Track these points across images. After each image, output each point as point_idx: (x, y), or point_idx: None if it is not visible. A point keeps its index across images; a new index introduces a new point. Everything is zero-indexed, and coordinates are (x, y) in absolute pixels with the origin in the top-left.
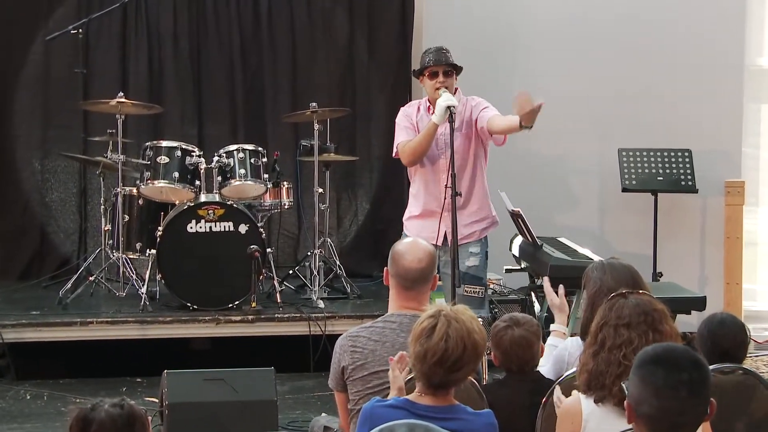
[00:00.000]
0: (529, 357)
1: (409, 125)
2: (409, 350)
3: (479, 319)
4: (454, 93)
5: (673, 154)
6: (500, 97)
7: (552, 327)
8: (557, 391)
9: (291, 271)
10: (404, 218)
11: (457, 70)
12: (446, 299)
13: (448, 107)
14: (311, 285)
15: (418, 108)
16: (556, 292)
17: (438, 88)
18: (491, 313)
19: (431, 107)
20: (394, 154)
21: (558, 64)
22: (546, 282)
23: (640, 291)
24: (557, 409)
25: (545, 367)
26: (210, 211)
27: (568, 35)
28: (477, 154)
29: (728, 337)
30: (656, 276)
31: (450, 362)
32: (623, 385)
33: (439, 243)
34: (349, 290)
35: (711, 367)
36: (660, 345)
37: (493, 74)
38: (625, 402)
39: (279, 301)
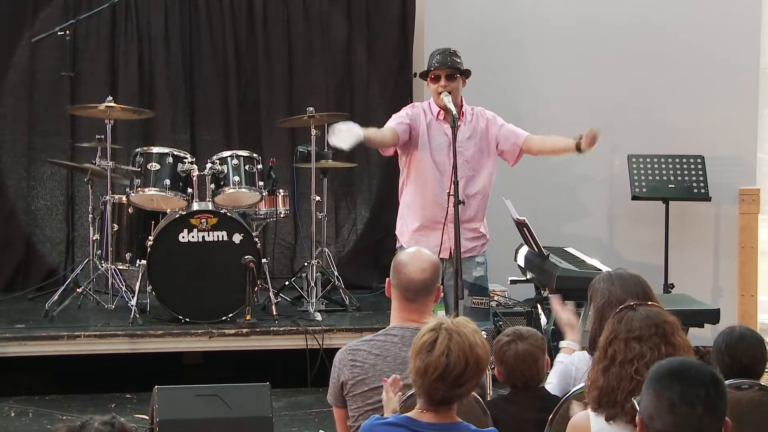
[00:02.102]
0: (534, 372)
1: (401, 121)
2: (409, 365)
3: (484, 332)
4: (461, 103)
5: (685, 160)
6: (505, 104)
7: (562, 344)
8: (574, 405)
9: (287, 283)
10: (402, 231)
11: (463, 74)
12: (447, 311)
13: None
14: (308, 297)
15: (424, 111)
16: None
17: (440, 93)
18: (495, 325)
19: (441, 113)
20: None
21: (564, 68)
22: (554, 299)
23: (649, 302)
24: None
25: (552, 383)
26: (203, 220)
27: (575, 38)
28: (490, 170)
29: (748, 352)
30: (668, 287)
31: (452, 377)
32: (634, 401)
33: (447, 256)
34: (347, 302)
35: (728, 382)
36: (675, 358)
37: (496, 80)
38: (636, 418)
39: (275, 313)
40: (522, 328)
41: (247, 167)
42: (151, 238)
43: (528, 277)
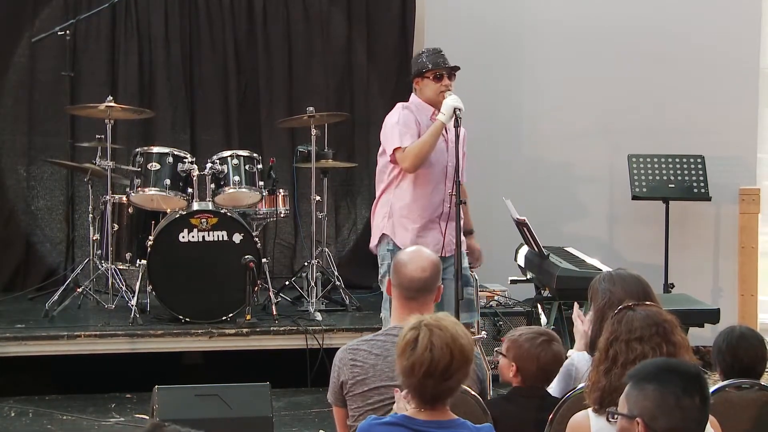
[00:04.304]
0: (555, 374)
1: (407, 131)
2: (396, 367)
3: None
4: None
5: (685, 160)
6: (505, 104)
7: (570, 352)
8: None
9: (287, 283)
10: (395, 231)
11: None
12: (443, 308)
13: (456, 108)
14: (308, 297)
15: (412, 111)
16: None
17: (443, 92)
18: (496, 326)
19: (435, 113)
20: (390, 159)
21: (564, 68)
22: (576, 308)
23: (647, 302)
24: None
25: (552, 386)
26: (203, 220)
27: (575, 38)
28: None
29: (749, 352)
30: (668, 287)
31: (439, 371)
32: (610, 410)
33: (447, 254)
34: (347, 302)
35: (729, 382)
36: (656, 359)
37: (496, 80)
38: (627, 423)
39: (275, 313)
40: (547, 330)
41: (247, 167)
42: (151, 238)
43: (528, 276)
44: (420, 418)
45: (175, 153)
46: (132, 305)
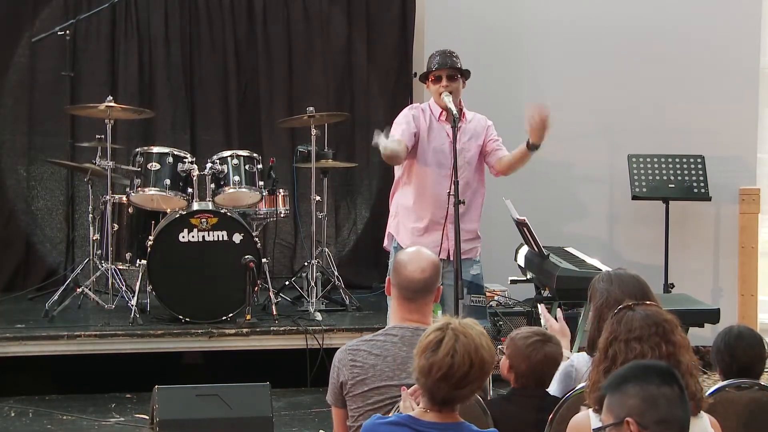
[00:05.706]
0: (552, 375)
1: (405, 128)
2: (413, 363)
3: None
4: (460, 106)
5: (685, 160)
6: (505, 103)
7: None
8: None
9: (287, 283)
10: (398, 231)
11: (463, 74)
12: (444, 310)
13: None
14: (308, 297)
15: (423, 111)
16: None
17: (441, 93)
18: (496, 326)
19: (442, 113)
20: None
21: (565, 67)
22: (542, 308)
23: (647, 302)
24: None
25: (552, 387)
26: (203, 220)
27: (575, 38)
28: (483, 174)
29: (747, 351)
30: (668, 287)
31: (455, 379)
32: (594, 429)
33: (445, 256)
34: (347, 302)
35: (729, 382)
36: (628, 364)
37: (497, 80)
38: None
39: (275, 313)
40: (544, 330)
41: (247, 167)
42: (151, 237)
43: (528, 277)
44: (425, 419)
45: (175, 153)
46: (132, 305)
